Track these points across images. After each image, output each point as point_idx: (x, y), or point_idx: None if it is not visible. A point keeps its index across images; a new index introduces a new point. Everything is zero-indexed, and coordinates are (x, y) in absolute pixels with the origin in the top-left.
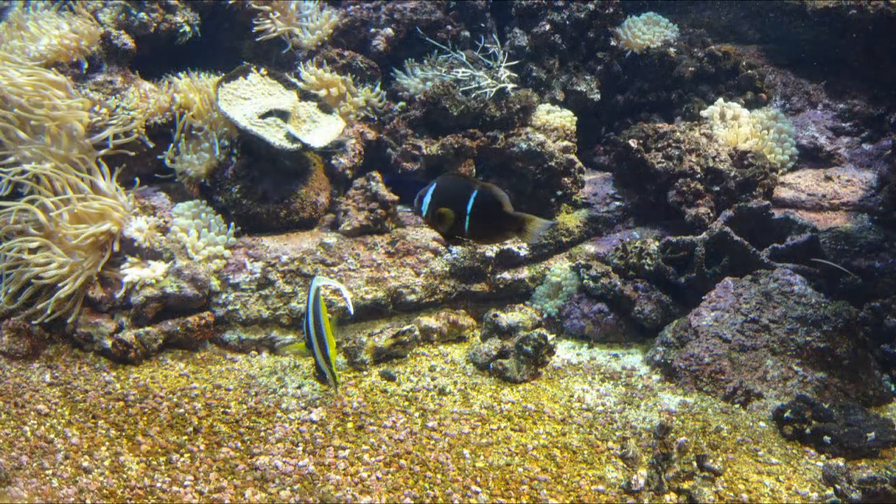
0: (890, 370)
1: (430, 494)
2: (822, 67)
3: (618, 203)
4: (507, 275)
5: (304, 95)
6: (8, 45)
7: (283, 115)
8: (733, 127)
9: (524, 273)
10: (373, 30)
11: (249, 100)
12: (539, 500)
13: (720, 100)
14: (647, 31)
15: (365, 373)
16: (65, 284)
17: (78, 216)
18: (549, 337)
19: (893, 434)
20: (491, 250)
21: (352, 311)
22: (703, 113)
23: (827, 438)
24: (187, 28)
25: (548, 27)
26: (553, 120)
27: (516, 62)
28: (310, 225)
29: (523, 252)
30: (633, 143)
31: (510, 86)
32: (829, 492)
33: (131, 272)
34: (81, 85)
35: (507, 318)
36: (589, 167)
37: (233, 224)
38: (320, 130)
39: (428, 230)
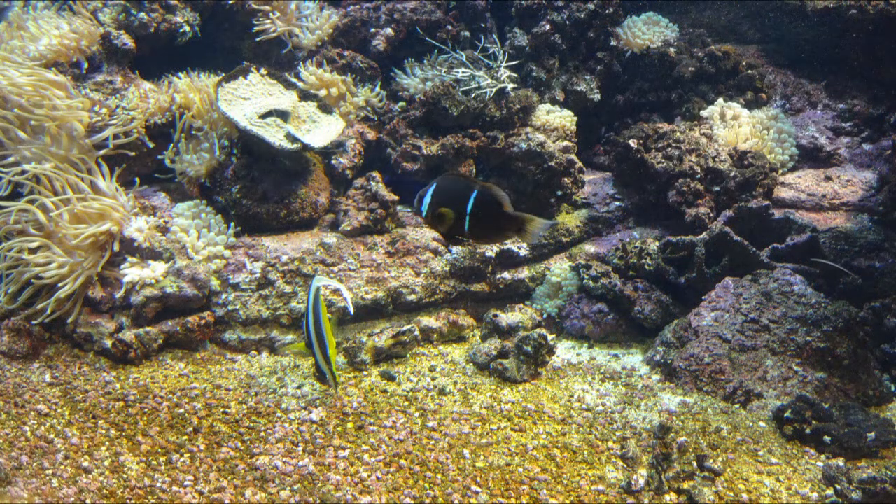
0: (890, 370)
1: (430, 494)
2: (822, 67)
3: (618, 203)
4: (507, 275)
5: (304, 95)
6: (8, 45)
7: (283, 115)
8: (733, 127)
9: (524, 273)
10: (373, 30)
11: (249, 100)
12: (539, 500)
13: (720, 100)
14: (647, 31)
15: (365, 373)
16: (65, 284)
17: (78, 216)
18: (549, 337)
19: (893, 434)
20: (491, 250)
21: (352, 311)
22: (703, 113)
23: (827, 438)
24: (187, 28)
25: (548, 27)
26: (553, 120)
27: (516, 62)
28: (310, 225)
29: (523, 252)
30: (633, 143)
31: (510, 86)
32: (829, 492)
33: (131, 272)
34: (81, 85)
35: (507, 318)
36: (589, 167)
37: (233, 224)
38: (320, 130)
39: (428, 230)
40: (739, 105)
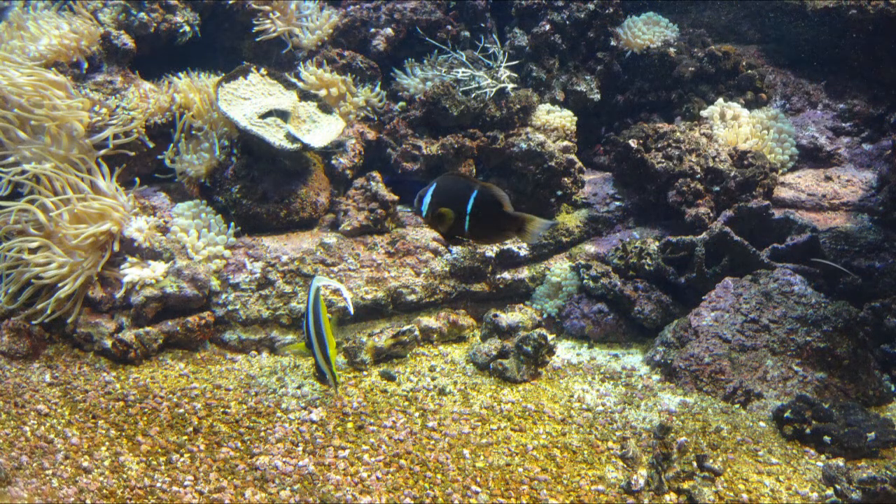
0: (890, 370)
1: (430, 494)
2: (822, 67)
3: (618, 203)
4: (507, 275)
5: (304, 95)
6: (8, 45)
7: (283, 115)
8: (733, 127)
9: (524, 273)
10: (373, 30)
11: (249, 100)
12: (539, 500)
13: (720, 100)
14: (647, 31)
15: (365, 373)
16: (65, 284)
17: (78, 216)
18: (549, 337)
19: (893, 434)
20: (491, 250)
21: (352, 311)
22: (703, 113)
23: (827, 438)
24: (187, 28)
25: (548, 27)
26: (553, 120)
27: (516, 62)
28: (310, 225)
29: (523, 252)
30: (633, 143)
31: (510, 86)
32: (829, 492)
33: (131, 272)
34: (81, 85)
35: (507, 318)
36: (589, 167)
37: (233, 224)
38: (320, 130)
39: (428, 230)
40: (739, 105)
